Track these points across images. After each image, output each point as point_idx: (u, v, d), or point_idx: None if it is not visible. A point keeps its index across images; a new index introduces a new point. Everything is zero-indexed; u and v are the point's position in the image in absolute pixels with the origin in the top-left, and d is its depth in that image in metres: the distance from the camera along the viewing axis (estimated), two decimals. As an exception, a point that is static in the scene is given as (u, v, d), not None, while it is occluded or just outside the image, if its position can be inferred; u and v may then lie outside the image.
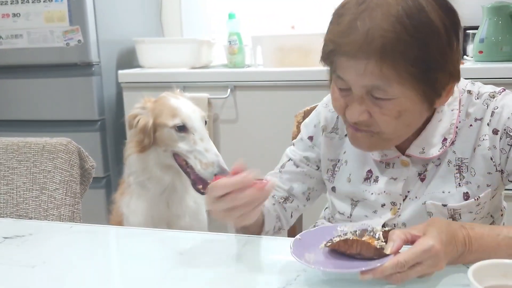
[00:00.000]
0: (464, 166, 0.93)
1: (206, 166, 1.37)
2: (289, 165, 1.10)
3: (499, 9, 2.08)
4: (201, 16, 2.84)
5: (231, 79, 2.27)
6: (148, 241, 0.99)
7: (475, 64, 2.11)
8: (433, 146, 0.93)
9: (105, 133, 2.43)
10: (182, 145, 1.40)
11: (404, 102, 0.83)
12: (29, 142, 1.31)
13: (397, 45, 0.77)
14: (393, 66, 0.78)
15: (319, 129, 1.07)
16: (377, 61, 0.78)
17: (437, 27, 0.80)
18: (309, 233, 0.82)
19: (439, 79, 0.83)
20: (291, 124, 1.43)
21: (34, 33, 2.34)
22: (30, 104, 2.44)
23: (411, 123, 0.88)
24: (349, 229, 0.80)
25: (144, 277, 0.82)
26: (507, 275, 0.66)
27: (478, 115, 0.93)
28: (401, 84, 0.80)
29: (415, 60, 0.79)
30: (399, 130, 0.87)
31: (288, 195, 1.09)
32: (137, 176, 1.46)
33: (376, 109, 0.84)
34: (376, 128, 0.86)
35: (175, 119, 1.39)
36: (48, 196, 1.28)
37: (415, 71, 0.79)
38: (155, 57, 2.49)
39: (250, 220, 0.85)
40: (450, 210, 0.94)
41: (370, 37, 0.78)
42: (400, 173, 0.96)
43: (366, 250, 0.73)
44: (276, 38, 2.34)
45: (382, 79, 0.80)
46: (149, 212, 1.48)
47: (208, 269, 0.83)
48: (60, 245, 0.97)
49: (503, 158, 0.91)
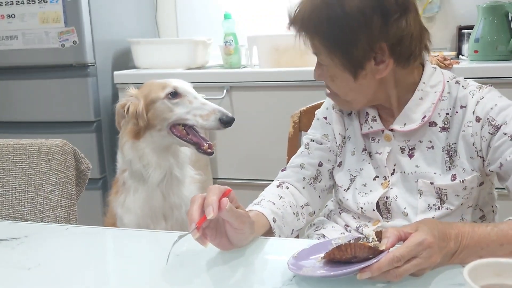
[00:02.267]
0: (453, 151, 1.02)
1: (207, 116, 1.41)
2: (312, 145, 1.17)
3: (494, 9, 2.08)
4: (197, 17, 2.84)
5: (227, 80, 2.27)
6: (143, 242, 0.98)
7: (470, 63, 2.12)
8: (413, 121, 1.03)
9: (101, 134, 2.42)
10: (178, 109, 1.43)
11: (330, 69, 1.02)
12: (25, 143, 1.30)
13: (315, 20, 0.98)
14: (317, 38, 0.99)
15: (330, 109, 1.18)
16: (306, 32, 1.01)
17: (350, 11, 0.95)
18: (305, 250, 0.82)
19: (353, 52, 0.97)
20: (287, 124, 1.43)
21: (29, 34, 2.34)
22: (26, 106, 2.43)
23: (350, 88, 1.02)
24: (343, 241, 0.81)
25: (140, 279, 0.81)
26: (503, 274, 0.66)
27: (463, 103, 1.02)
28: (323, 53, 1.00)
29: (326, 34, 0.98)
30: (346, 94, 1.04)
31: (317, 174, 1.15)
32: (134, 166, 1.46)
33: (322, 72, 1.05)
34: (333, 90, 1.06)
35: (166, 89, 1.44)
36: (43, 197, 1.27)
37: (326, 43, 0.98)
38: (150, 58, 2.49)
39: (243, 239, 0.88)
40: (437, 189, 1.01)
41: (301, 13, 1.00)
42: (383, 147, 1.07)
43: (360, 251, 0.73)
44: (272, 38, 2.34)
45: (315, 47, 1.02)
46: (145, 206, 1.48)
47: (204, 269, 0.83)
48: (55, 247, 0.97)
49: (484, 145, 0.98)
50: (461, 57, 2.33)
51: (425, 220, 0.81)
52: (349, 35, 0.95)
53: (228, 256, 0.87)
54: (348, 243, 0.75)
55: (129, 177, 1.50)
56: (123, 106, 1.47)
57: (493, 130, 0.97)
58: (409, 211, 1.03)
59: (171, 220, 1.51)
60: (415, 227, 0.77)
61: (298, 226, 1.11)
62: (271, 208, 1.02)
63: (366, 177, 1.09)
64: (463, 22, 2.43)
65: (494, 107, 0.98)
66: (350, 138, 1.14)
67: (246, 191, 1.91)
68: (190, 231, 0.79)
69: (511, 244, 0.79)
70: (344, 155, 1.14)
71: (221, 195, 0.80)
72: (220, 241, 0.85)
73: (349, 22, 0.94)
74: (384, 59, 0.98)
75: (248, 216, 0.87)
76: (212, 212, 0.77)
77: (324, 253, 0.78)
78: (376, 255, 0.73)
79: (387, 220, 1.07)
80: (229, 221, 0.83)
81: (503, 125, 0.96)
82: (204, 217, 0.79)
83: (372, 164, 1.09)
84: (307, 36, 1.01)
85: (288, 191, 1.12)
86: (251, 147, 2.29)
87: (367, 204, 1.06)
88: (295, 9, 1.02)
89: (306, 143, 1.18)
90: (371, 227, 1.06)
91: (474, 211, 1.05)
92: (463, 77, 1.07)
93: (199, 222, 0.79)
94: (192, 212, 0.79)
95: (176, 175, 1.51)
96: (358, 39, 0.95)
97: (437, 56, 2.03)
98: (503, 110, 0.97)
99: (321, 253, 0.79)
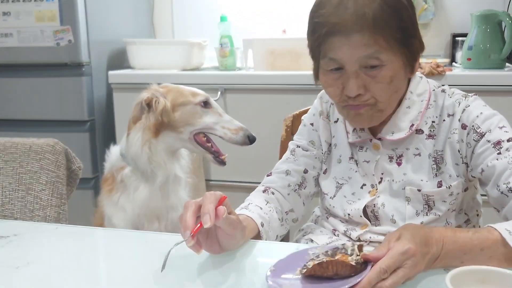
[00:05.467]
0: (440, 158, 1.03)
1: (236, 131, 1.52)
2: (298, 151, 1.17)
3: (488, 17, 2.10)
4: (193, 18, 2.84)
5: (221, 82, 2.28)
6: (134, 242, 0.99)
7: (463, 71, 2.14)
8: (401, 130, 1.04)
9: (94, 134, 2.42)
10: (208, 118, 1.50)
11: (393, 67, 0.95)
12: (16, 142, 1.30)
13: (383, 16, 0.91)
14: (383, 34, 0.91)
15: (317, 115, 1.17)
16: (370, 32, 0.90)
17: (404, 1, 0.95)
18: (282, 262, 0.80)
19: (415, 44, 0.97)
20: (280, 128, 1.44)
21: (24, 32, 2.33)
22: (19, 104, 2.42)
23: (398, 88, 0.99)
24: (320, 250, 0.79)
25: (130, 279, 0.82)
26: (485, 281, 0.67)
27: (450, 111, 1.03)
28: (389, 49, 0.93)
29: (397, 28, 0.93)
30: (390, 97, 0.99)
31: (302, 180, 1.15)
32: (141, 163, 1.46)
33: (370, 80, 0.95)
34: (371, 99, 0.97)
35: (199, 97, 1.50)
36: (34, 197, 1.27)
37: (398, 37, 0.93)
38: (146, 58, 2.49)
39: (234, 244, 0.89)
40: (424, 196, 1.02)
41: (361, 13, 0.90)
42: (372, 156, 1.07)
43: (342, 269, 0.73)
44: (267, 41, 2.34)
45: (374, 47, 0.92)
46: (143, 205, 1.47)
47: (195, 273, 0.83)
48: (45, 246, 0.97)
49: (469, 151, 1.00)
50: (454, 64, 2.35)
51: (407, 225, 0.81)
52: (411, 26, 0.96)
53: (218, 260, 0.87)
54: (330, 260, 0.73)
55: (131, 175, 1.49)
56: (149, 100, 1.45)
57: (477, 137, 0.99)
58: (397, 217, 1.04)
59: (164, 221, 1.51)
60: (398, 235, 0.76)
61: (282, 232, 1.11)
62: (258, 213, 1.03)
63: (354, 185, 1.09)
64: (457, 29, 2.45)
65: (480, 115, 1.00)
66: (336, 146, 1.13)
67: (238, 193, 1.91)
68: (185, 239, 0.78)
69: (490, 249, 0.80)
70: (329, 162, 1.14)
71: (217, 202, 0.80)
72: (211, 246, 0.85)
73: (409, 12, 0.95)
74: None
75: (240, 222, 0.87)
76: (210, 221, 0.77)
77: (302, 265, 0.76)
78: (357, 273, 0.72)
79: (375, 225, 1.07)
80: (222, 227, 0.83)
81: (487, 132, 0.98)
82: (200, 225, 0.78)
83: (360, 172, 1.08)
84: (368, 35, 0.90)
85: (273, 197, 1.12)
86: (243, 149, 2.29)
87: (354, 210, 1.07)
88: (336, 10, 0.92)
89: (292, 149, 1.18)
90: (359, 231, 1.07)
91: (459, 215, 1.06)
92: (447, 86, 1.08)
93: (194, 230, 0.78)
94: (186, 218, 0.79)
95: (178, 177, 1.53)
96: (416, 28, 0.97)
97: (430, 63, 2.04)
98: (488, 118, 0.99)
99: (299, 265, 0.77)
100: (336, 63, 0.95)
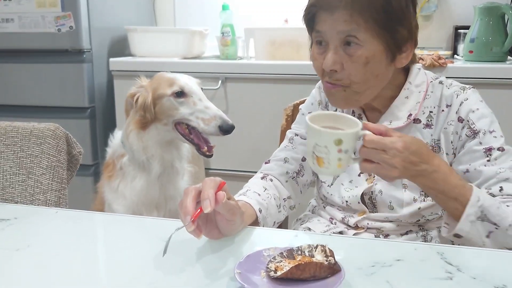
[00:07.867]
0: (436, 146, 1.05)
1: (208, 121, 1.43)
2: (297, 139, 1.18)
3: (491, 10, 2.09)
4: (195, 7, 2.83)
5: (222, 71, 2.27)
6: (133, 227, 0.99)
7: (465, 63, 2.13)
8: (399, 119, 1.05)
9: (94, 120, 2.42)
10: (183, 109, 1.45)
11: (370, 48, 0.95)
12: (17, 126, 1.31)
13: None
14: (361, 13, 0.93)
15: (315, 104, 1.19)
16: (350, 9, 0.93)
17: None
18: (242, 264, 0.77)
19: (400, 31, 0.96)
20: (280, 117, 1.44)
21: (25, 18, 2.32)
22: (20, 89, 2.42)
23: (378, 73, 0.99)
24: (275, 252, 0.79)
25: (129, 264, 0.82)
26: (336, 122, 0.84)
27: (448, 101, 1.05)
28: (368, 30, 0.94)
29: (381, 10, 0.93)
30: (368, 81, 0.98)
31: (300, 168, 1.16)
32: (137, 155, 1.47)
33: (347, 58, 0.97)
34: (346, 80, 0.98)
35: (173, 87, 1.45)
36: (34, 181, 1.28)
37: (379, 19, 0.94)
38: (147, 46, 2.49)
39: (233, 229, 0.89)
40: None
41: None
42: None
43: (319, 270, 0.72)
44: (268, 31, 2.34)
45: (352, 25, 0.94)
46: (141, 194, 1.48)
47: (195, 257, 0.84)
48: (45, 229, 0.97)
49: (459, 144, 1.03)
50: (456, 56, 2.34)
51: (415, 138, 0.88)
52: (399, 13, 0.96)
53: (218, 245, 0.88)
54: (308, 262, 0.73)
55: (129, 164, 1.49)
56: (133, 95, 1.47)
57: (470, 133, 1.01)
58: (394, 204, 1.05)
59: (163, 210, 1.52)
60: (401, 134, 0.85)
61: (280, 219, 1.12)
62: (257, 199, 1.04)
63: (351, 173, 1.10)
64: (460, 22, 2.45)
65: (476, 111, 1.01)
66: None
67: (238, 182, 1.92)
68: (185, 224, 0.79)
69: (461, 204, 0.89)
70: None
71: (217, 188, 0.81)
72: (210, 231, 0.86)
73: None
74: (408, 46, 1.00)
75: (239, 208, 0.88)
76: (210, 206, 0.78)
77: (262, 267, 0.76)
78: (333, 274, 0.73)
79: (372, 212, 1.08)
80: (221, 212, 0.83)
81: (480, 133, 1.00)
82: (200, 210, 0.79)
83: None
84: (349, 12, 0.94)
85: (272, 184, 1.13)
86: (243, 138, 2.30)
87: (352, 197, 1.08)
88: None
89: (290, 137, 1.19)
90: (356, 218, 1.08)
91: None
92: (444, 77, 1.09)
93: (195, 215, 0.79)
94: (186, 204, 0.80)
95: (176, 168, 1.52)
96: (406, 18, 0.97)
97: (432, 55, 2.04)
98: (484, 117, 1.01)
99: (258, 267, 0.76)
100: (320, 36, 0.99)
